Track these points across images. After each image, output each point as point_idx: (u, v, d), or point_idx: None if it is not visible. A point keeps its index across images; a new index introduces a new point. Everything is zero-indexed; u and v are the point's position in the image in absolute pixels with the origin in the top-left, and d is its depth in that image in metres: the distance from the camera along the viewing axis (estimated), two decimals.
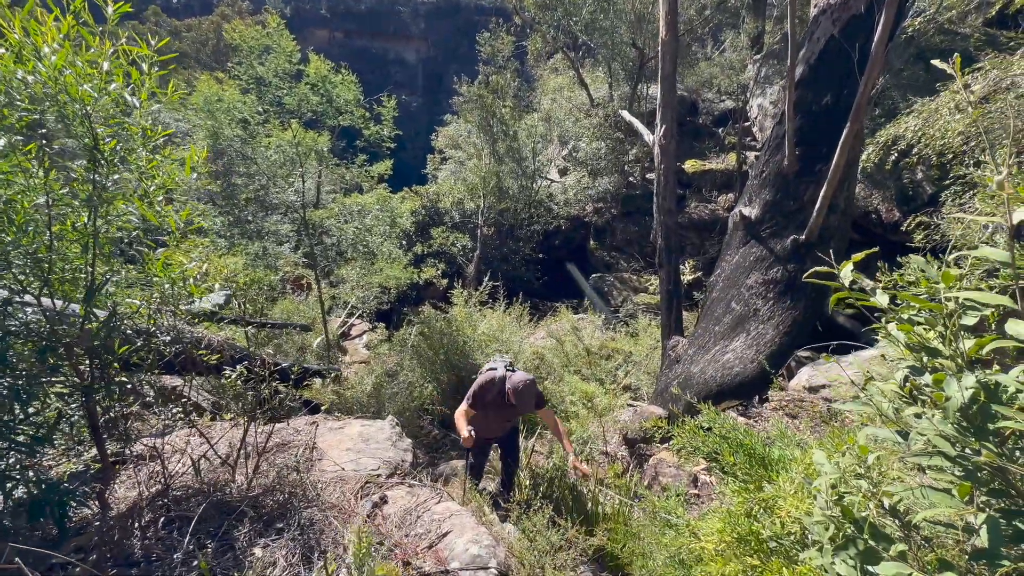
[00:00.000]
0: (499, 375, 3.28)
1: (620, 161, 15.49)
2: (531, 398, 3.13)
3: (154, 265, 2.08)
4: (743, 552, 2.09)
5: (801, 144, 4.25)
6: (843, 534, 1.03)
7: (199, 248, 7.18)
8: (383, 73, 34.71)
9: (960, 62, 1.18)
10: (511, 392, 3.09)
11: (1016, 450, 1.07)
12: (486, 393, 3.25)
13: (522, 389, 3.10)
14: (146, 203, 1.94)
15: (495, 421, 3.40)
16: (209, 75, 7.69)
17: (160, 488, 1.84)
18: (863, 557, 0.99)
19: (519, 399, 3.06)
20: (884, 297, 1.30)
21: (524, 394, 3.09)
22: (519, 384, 3.10)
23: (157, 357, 2.03)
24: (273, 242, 8.50)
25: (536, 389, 3.21)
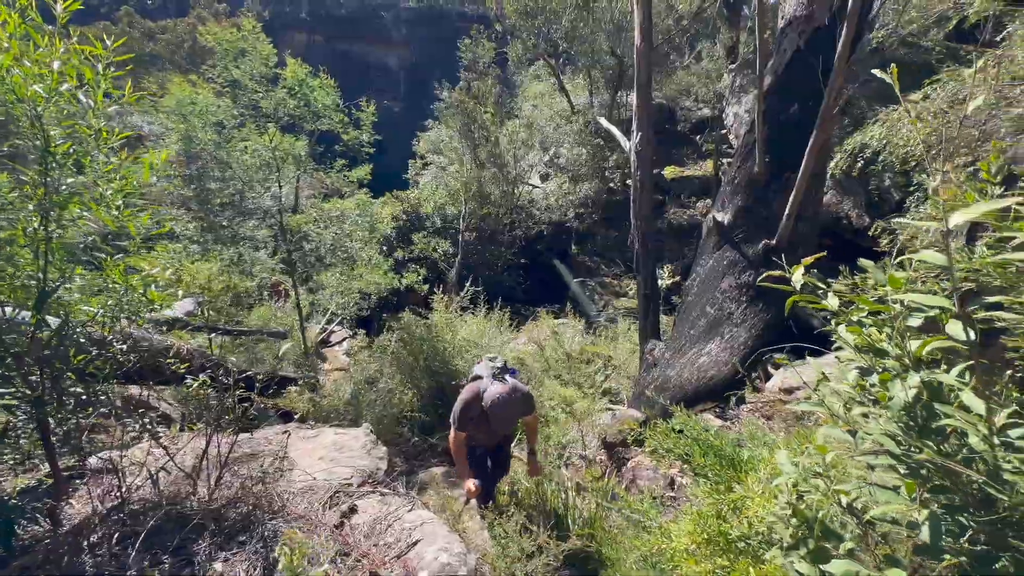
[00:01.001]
0: (483, 387, 2.91)
1: (601, 167, 15.67)
2: (512, 416, 2.80)
3: (113, 271, 2.02)
4: (712, 553, 2.11)
5: (771, 152, 4.36)
6: (797, 533, 1.05)
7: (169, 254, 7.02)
8: (364, 78, 34.51)
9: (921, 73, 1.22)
10: (489, 411, 2.74)
11: (960, 448, 1.11)
12: (471, 410, 2.90)
13: (500, 408, 2.72)
14: (103, 207, 1.88)
15: (488, 432, 3.08)
16: (182, 77, 7.53)
17: (116, 502, 1.78)
18: (813, 556, 1.00)
19: (498, 421, 2.73)
20: (834, 300, 1.34)
21: (504, 412, 2.74)
22: (497, 402, 2.73)
23: (114, 366, 1.96)
24: (249, 248, 8.33)
25: (517, 401, 2.82)
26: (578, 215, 15.98)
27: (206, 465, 1.96)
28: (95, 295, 1.98)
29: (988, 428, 1.01)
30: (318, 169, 8.80)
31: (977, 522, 0.96)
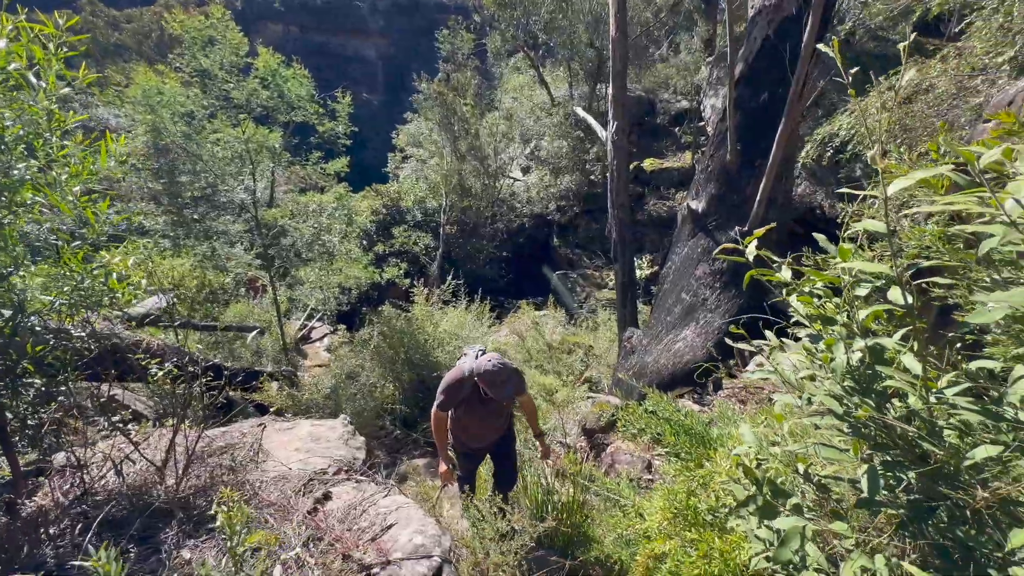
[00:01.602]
0: (468, 367, 2.73)
1: (581, 159, 15.73)
2: (507, 382, 2.58)
3: (71, 260, 1.96)
4: (682, 527, 2.17)
5: (742, 140, 4.44)
6: (747, 491, 1.09)
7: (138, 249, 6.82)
8: (341, 70, 33.87)
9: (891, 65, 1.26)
10: (480, 379, 2.56)
11: (901, 408, 1.16)
12: (459, 390, 2.71)
13: (492, 371, 2.53)
14: (58, 193, 1.82)
15: (481, 424, 2.88)
16: (148, 66, 7.27)
17: (79, 493, 1.74)
18: (762, 512, 1.04)
19: (492, 385, 2.52)
20: (787, 272, 1.38)
21: (496, 377, 2.53)
22: (486, 366, 2.55)
23: (74, 356, 1.91)
24: (224, 243, 8.15)
25: (509, 369, 2.62)
26: (559, 208, 16.03)
27: (173, 455, 1.93)
28: (54, 284, 1.93)
29: (924, 388, 1.06)
30: (294, 162, 8.63)
31: (914, 475, 1.01)
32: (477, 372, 2.57)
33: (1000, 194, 0.79)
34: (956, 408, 1.02)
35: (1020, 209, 0.70)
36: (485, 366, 2.56)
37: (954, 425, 1.07)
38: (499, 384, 2.55)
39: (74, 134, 1.87)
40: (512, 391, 2.61)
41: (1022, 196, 0.71)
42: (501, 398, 2.60)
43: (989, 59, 5.15)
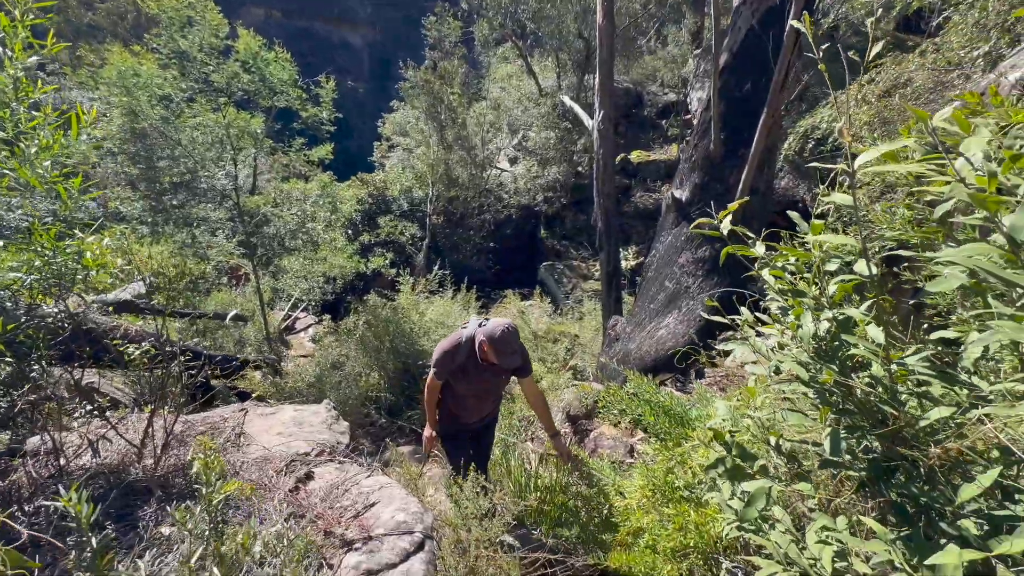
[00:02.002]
0: (467, 333, 2.53)
1: (569, 151, 15.72)
2: (517, 351, 2.38)
3: (43, 236, 1.92)
4: (660, 503, 2.22)
5: (726, 129, 4.49)
6: (716, 455, 1.13)
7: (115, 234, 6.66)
8: (327, 57, 33.19)
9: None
10: (488, 343, 2.32)
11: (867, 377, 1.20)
12: (454, 356, 2.50)
13: (504, 334, 2.31)
14: (27, 166, 1.77)
15: (475, 397, 2.68)
16: (123, 47, 7.03)
17: (53, 472, 1.72)
18: (730, 474, 1.08)
19: (500, 352, 2.30)
20: (761, 247, 1.42)
21: (507, 342, 2.31)
22: (497, 330, 2.32)
23: (48, 337, 1.87)
24: (205, 230, 7.99)
25: (517, 335, 2.40)
26: (547, 199, 16.03)
27: (152, 435, 1.91)
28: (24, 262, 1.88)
29: (886, 355, 1.10)
30: (276, 148, 8.47)
31: (873, 437, 1.05)
32: (488, 335, 2.33)
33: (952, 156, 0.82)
34: (915, 373, 1.06)
35: (969, 167, 0.74)
36: (498, 329, 2.33)
37: (913, 391, 1.12)
38: (508, 352, 2.33)
39: (44, 104, 1.82)
40: (519, 361, 2.42)
41: (971, 152, 0.74)
42: (506, 365, 2.37)
43: (965, 54, 5.26)
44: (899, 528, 1.02)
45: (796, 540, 1.19)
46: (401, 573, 1.74)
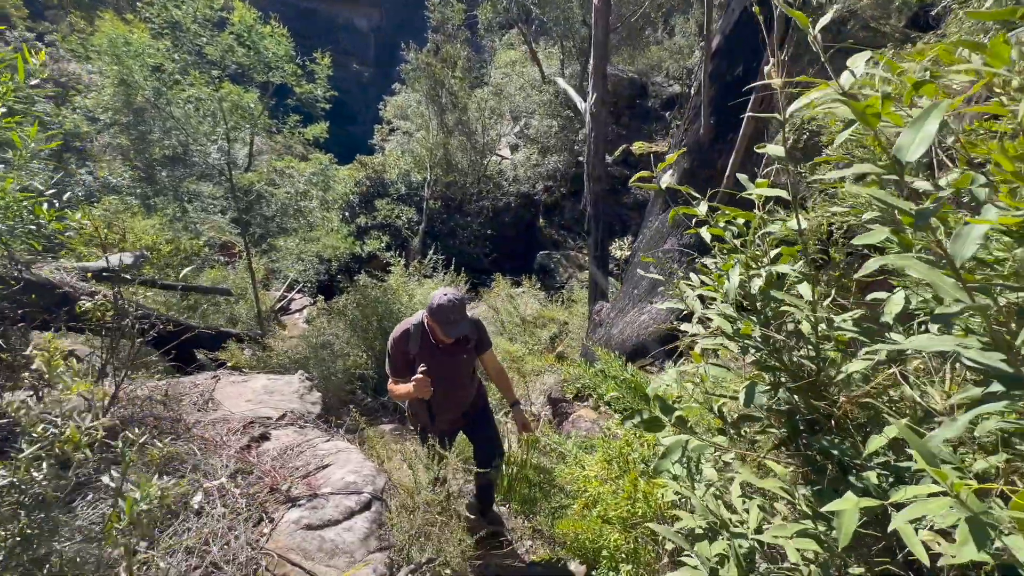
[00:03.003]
0: (415, 319, 2.36)
1: (570, 139, 15.59)
2: (462, 318, 2.18)
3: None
4: (616, 474, 2.22)
5: (716, 113, 4.42)
6: (633, 406, 1.11)
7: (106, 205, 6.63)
8: (331, 39, 32.85)
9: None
10: (429, 316, 2.18)
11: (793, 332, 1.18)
12: (406, 345, 2.31)
13: (443, 305, 2.15)
14: None
15: (443, 388, 2.34)
16: (114, 14, 6.95)
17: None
18: (647, 425, 1.07)
19: (443, 322, 2.13)
20: (704, 206, 1.39)
21: (448, 312, 2.14)
22: (435, 300, 2.17)
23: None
24: (198, 206, 7.97)
25: (463, 305, 2.22)
26: (546, 188, 15.93)
27: (102, 386, 1.91)
28: None
29: (813, 311, 1.08)
30: (270, 124, 8.40)
31: (790, 389, 1.04)
32: (428, 308, 2.20)
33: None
34: (839, 329, 1.04)
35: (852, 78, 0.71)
36: (436, 299, 2.18)
37: (838, 347, 1.10)
38: (451, 321, 2.14)
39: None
40: (467, 329, 2.25)
41: (855, 66, 0.71)
42: (453, 335, 2.16)
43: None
44: (811, 482, 1.01)
45: (719, 495, 1.19)
46: (343, 529, 1.74)
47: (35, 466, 1.06)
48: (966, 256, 0.61)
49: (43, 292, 2.19)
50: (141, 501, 1.00)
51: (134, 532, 1.05)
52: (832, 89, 0.92)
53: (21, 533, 1.01)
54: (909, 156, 0.60)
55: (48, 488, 1.08)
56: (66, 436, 1.08)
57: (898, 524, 0.62)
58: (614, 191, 14.33)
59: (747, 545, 1.06)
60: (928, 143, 0.59)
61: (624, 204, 14.32)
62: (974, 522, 0.55)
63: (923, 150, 0.59)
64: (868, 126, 0.64)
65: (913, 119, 0.60)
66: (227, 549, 1.50)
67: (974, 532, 0.55)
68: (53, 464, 1.10)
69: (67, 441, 1.08)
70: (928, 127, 0.59)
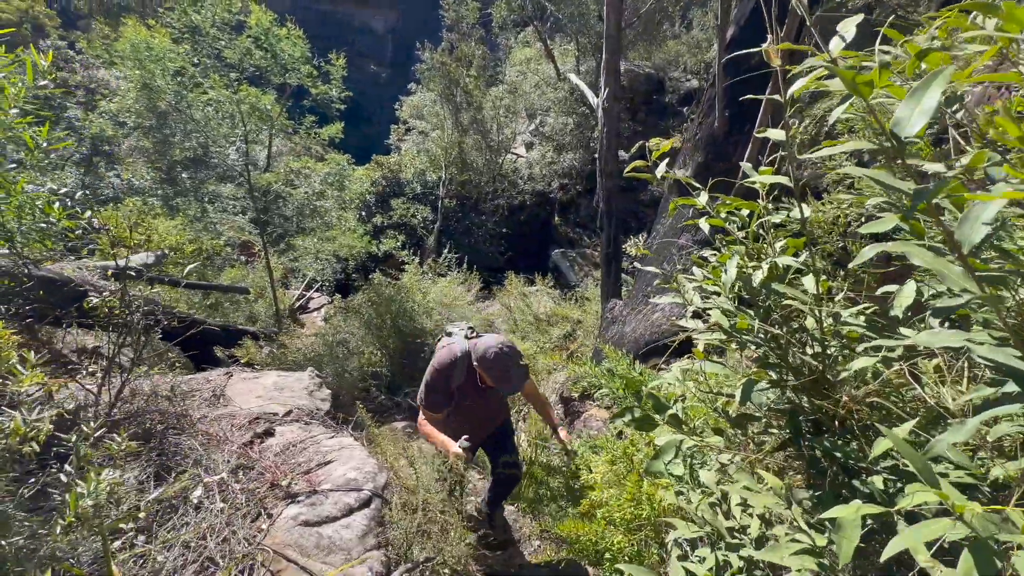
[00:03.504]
0: (460, 348, 2.15)
1: (585, 136, 15.44)
2: (518, 371, 2.04)
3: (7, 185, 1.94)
4: (622, 476, 2.17)
5: (731, 105, 4.30)
6: (625, 403, 1.06)
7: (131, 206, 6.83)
8: (348, 41, 33.28)
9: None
10: (483, 367, 2.00)
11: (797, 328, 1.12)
12: (448, 379, 2.12)
13: (501, 355, 1.99)
14: None
15: (475, 419, 2.27)
16: (136, 20, 7.16)
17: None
18: (638, 423, 1.02)
19: (500, 377, 1.98)
20: (704, 196, 1.34)
21: (506, 363, 1.99)
22: (494, 349, 2.00)
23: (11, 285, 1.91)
24: (218, 208, 8.15)
25: (516, 352, 2.07)
26: (562, 185, 15.82)
27: (108, 383, 1.94)
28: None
29: (818, 305, 1.02)
30: (288, 126, 8.54)
31: (792, 387, 0.97)
32: (480, 357, 1.99)
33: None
34: (844, 324, 0.98)
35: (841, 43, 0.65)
36: (492, 349, 1.98)
37: (844, 344, 1.03)
38: (509, 375, 1.99)
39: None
40: (524, 382, 2.09)
41: (845, 30, 0.65)
42: (508, 391, 2.04)
43: None
44: (813, 487, 0.94)
45: (717, 502, 1.13)
46: (341, 526, 1.73)
47: None
48: (974, 241, 0.55)
49: (54, 288, 2.25)
50: (88, 496, 0.99)
51: (81, 527, 1.05)
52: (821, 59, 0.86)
53: None
54: (907, 130, 0.54)
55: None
56: (10, 428, 1.09)
57: (894, 550, 0.56)
58: (630, 188, 14.13)
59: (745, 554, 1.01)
60: (928, 116, 0.53)
61: (640, 201, 14.12)
62: (978, 548, 0.50)
63: (922, 123, 0.53)
64: (860, 96, 0.58)
65: (912, 89, 0.54)
66: (224, 544, 1.50)
67: (978, 561, 0.49)
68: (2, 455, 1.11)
69: (12, 434, 1.08)
70: (929, 98, 0.54)
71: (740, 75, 4.26)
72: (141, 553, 1.39)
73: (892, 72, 0.60)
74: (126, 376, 1.90)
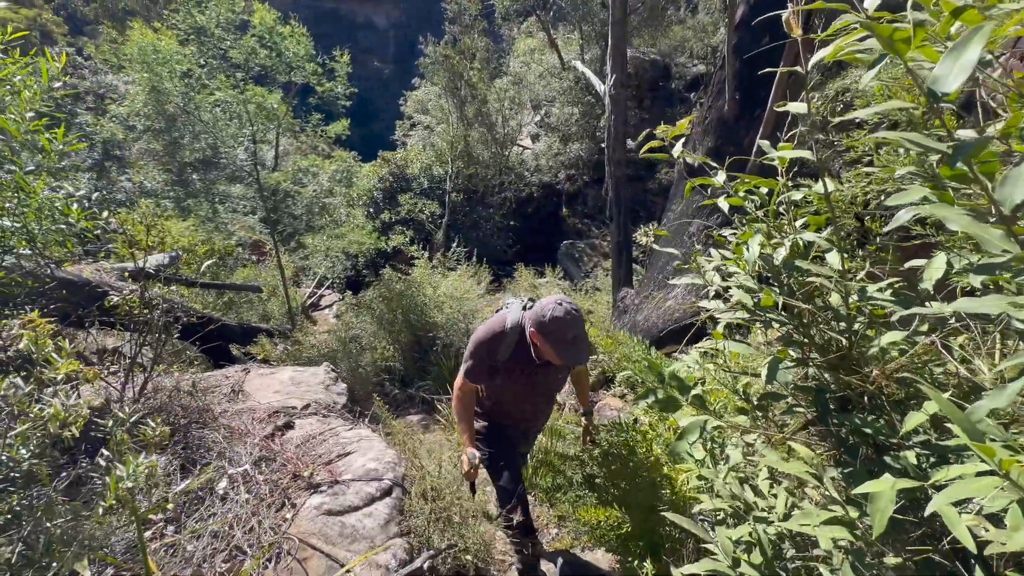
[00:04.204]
0: (512, 319, 1.85)
1: (592, 126, 15.31)
2: (582, 338, 1.73)
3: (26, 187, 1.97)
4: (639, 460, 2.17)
5: (741, 89, 4.23)
6: (648, 385, 1.06)
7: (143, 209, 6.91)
8: (351, 38, 33.26)
9: None
10: (538, 333, 1.69)
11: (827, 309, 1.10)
12: (495, 349, 1.84)
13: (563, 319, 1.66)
14: (3, 116, 1.82)
15: (523, 406, 2.00)
16: (142, 23, 7.22)
17: None
18: (662, 405, 1.01)
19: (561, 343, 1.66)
20: (722, 175, 1.32)
21: (569, 328, 1.66)
22: (548, 312, 1.68)
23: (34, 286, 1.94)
24: (229, 207, 8.23)
25: (581, 318, 1.74)
26: (569, 176, 15.73)
27: (132, 379, 1.98)
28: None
29: (843, 280, 1.00)
30: (295, 125, 8.57)
31: (818, 365, 0.96)
32: (536, 321, 1.68)
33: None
34: (871, 299, 0.96)
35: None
36: (550, 309, 1.67)
37: (871, 321, 1.01)
38: (570, 341, 1.66)
39: (12, 51, 1.85)
40: (586, 354, 1.78)
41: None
42: (571, 362, 1.69)
43: None
44: (843, 464, 0.93)
45: (744, 479, 1.12)
46: (363, 515, 1.75)
47: (24, 444, 1.10)
48: (1016, 200, 0.53)
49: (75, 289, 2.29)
50: (127, 478, 1.02)
51: (121, 509, 1.07)
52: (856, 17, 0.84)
53: (11, 511, 1.05)
54: (947, 87, 0.52)
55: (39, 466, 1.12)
56: (50, 414, 1.11)
57: (938, 506, 0.55)
58: (638, 177, 14.00)
59: (773, 531, 1.00)
60: (968, 71, 0.51)
61: (649, 190, 13.99)
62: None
63: (962, 79, 0.51)
64: (897, 55, 0.56)
65: (952, 45, 0.52)
66: (251, 534, 1.53)
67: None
68: (43, 441, 1.13)
69: (51, 419, 1.11)
70: (969, 53, 0.52)
71: (750, 57, 4.18)
72: (171, 543, 1.42)
73: (926, 31, 0.58)
74: (149, 371, 1.93)
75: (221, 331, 5.23)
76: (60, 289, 2.10)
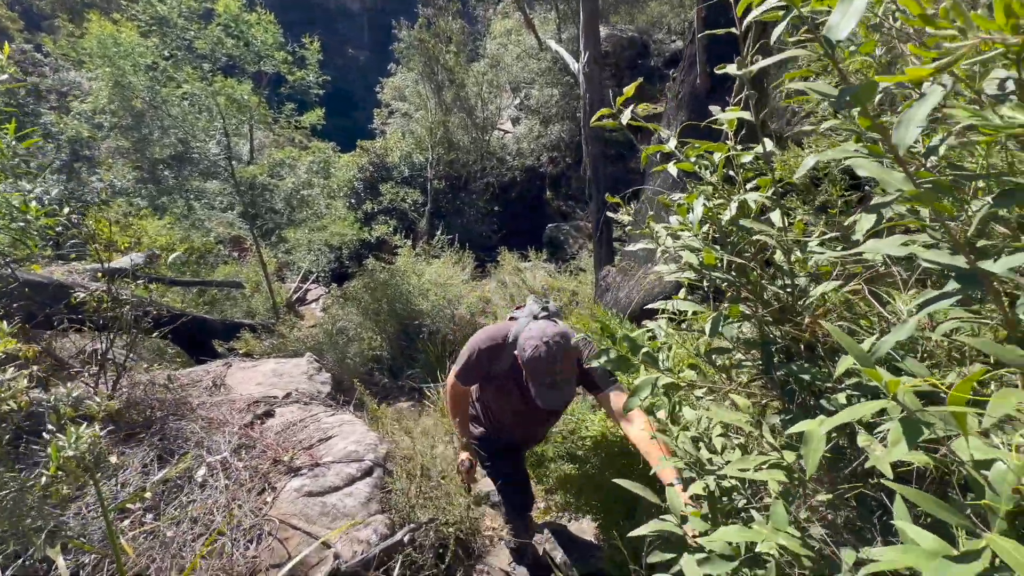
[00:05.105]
0: (514, 331, 1.67)
1: (571, 107, 15.20)
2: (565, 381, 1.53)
3: None
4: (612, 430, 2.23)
5: (712, 61, 4.23)
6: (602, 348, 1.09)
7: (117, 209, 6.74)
8: (327, 26, 32.40)
9: None
10: (523, 362, 1.53)
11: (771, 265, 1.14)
12: (491, 360, 1.71)
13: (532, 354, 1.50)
14: None
15: (517, 425, 1.88)
16: (100, 15, 6.94)
17: None
18: (614, 365, 1.05)
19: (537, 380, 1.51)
20: (673, 141, 1.34)
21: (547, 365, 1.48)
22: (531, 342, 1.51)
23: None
24: (205, 205, 8.07)
25: (570, 352, 1.53)
26: (551, 159, 15.65)
27: (104, 372, 1.97)
28: None
29: (783, 237, 1.03)
30: (268, 116, 8.38)
31: (761, 319, 1.00)
32: (520, 353, 1.53)
33: None
34: (809, 251, 1.00)
35: None
36: (533, 350, 1.48)
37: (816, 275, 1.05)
38: (550, 385, 1.50)
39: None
40: (570, 396, 1.58)
41: None
42: (550, 406, 1.52)
43: None
44: (785, 412, 0.98)
45: (699, 438, 1.17)
46: (344, 495, 1.78)
47: None
48: (907, 142, 0.56)
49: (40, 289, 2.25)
50: (67, 447, 1.03)
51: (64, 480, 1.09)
52: None
53: None
54: (839, 33, 0.54)
55: None
56: None
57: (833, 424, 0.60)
58: (619, 157, 13.98)
59: (727, 484, 1.05)
60: (857, 17, 0.53)
61: (630, 169, 13.99)
62: (907, 421, 0.52)
63: (851, 25, 0.53)
64: (794, 6, 0.58)
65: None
66: (231, 517, 1.55)
67: (906, 431, 0.52)
68: None
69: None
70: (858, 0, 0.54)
71: (722, 28, 4.18)
72: (150, 529, 1.44)
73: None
74: (121, 366, 1.93)
75: (202, 327, 5.18)
76: (24, 289, 2.06)
